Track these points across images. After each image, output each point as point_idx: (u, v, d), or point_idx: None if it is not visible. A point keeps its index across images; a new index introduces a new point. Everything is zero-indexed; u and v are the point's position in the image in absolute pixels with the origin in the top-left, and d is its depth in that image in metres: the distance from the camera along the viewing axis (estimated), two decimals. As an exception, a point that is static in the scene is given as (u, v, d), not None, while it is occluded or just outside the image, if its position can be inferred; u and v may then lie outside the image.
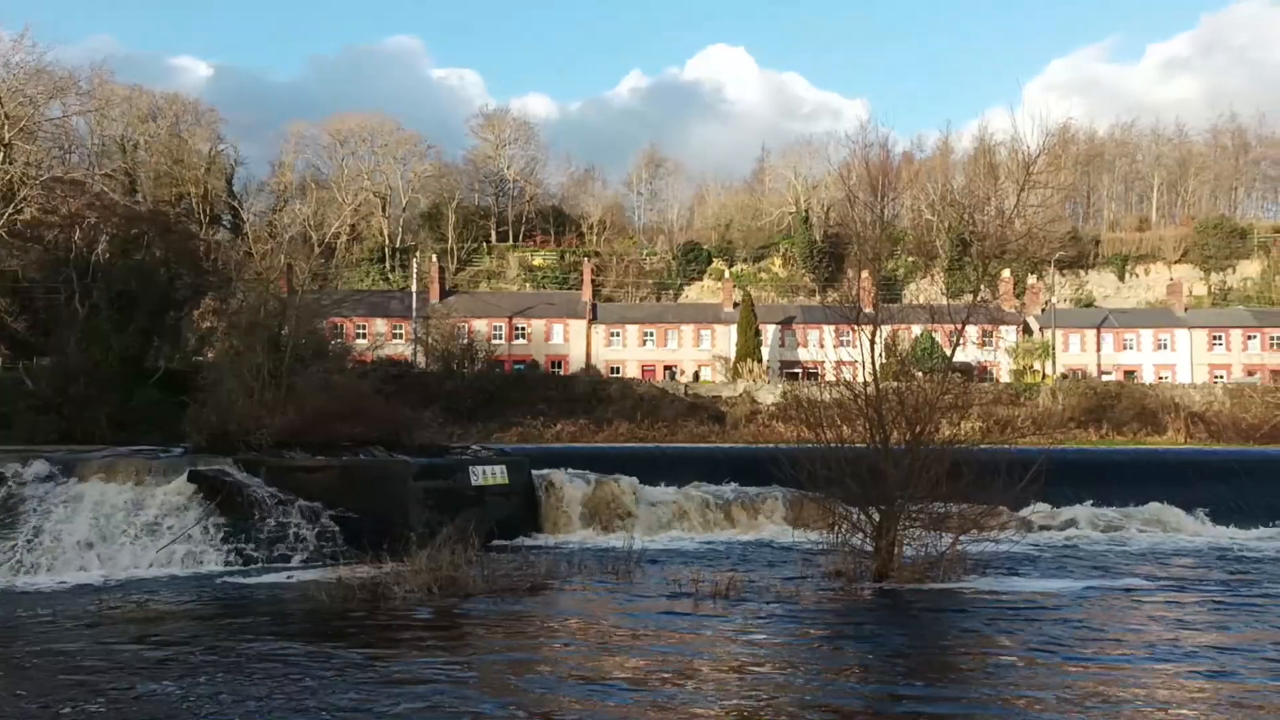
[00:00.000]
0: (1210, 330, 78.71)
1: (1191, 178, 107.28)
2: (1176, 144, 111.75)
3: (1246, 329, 78.58)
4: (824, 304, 60.06)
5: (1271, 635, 15.68)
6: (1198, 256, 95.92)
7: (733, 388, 63.09)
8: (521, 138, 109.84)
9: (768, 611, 16.92)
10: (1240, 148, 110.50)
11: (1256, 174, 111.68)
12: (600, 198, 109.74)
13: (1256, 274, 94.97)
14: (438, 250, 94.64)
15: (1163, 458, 41.10)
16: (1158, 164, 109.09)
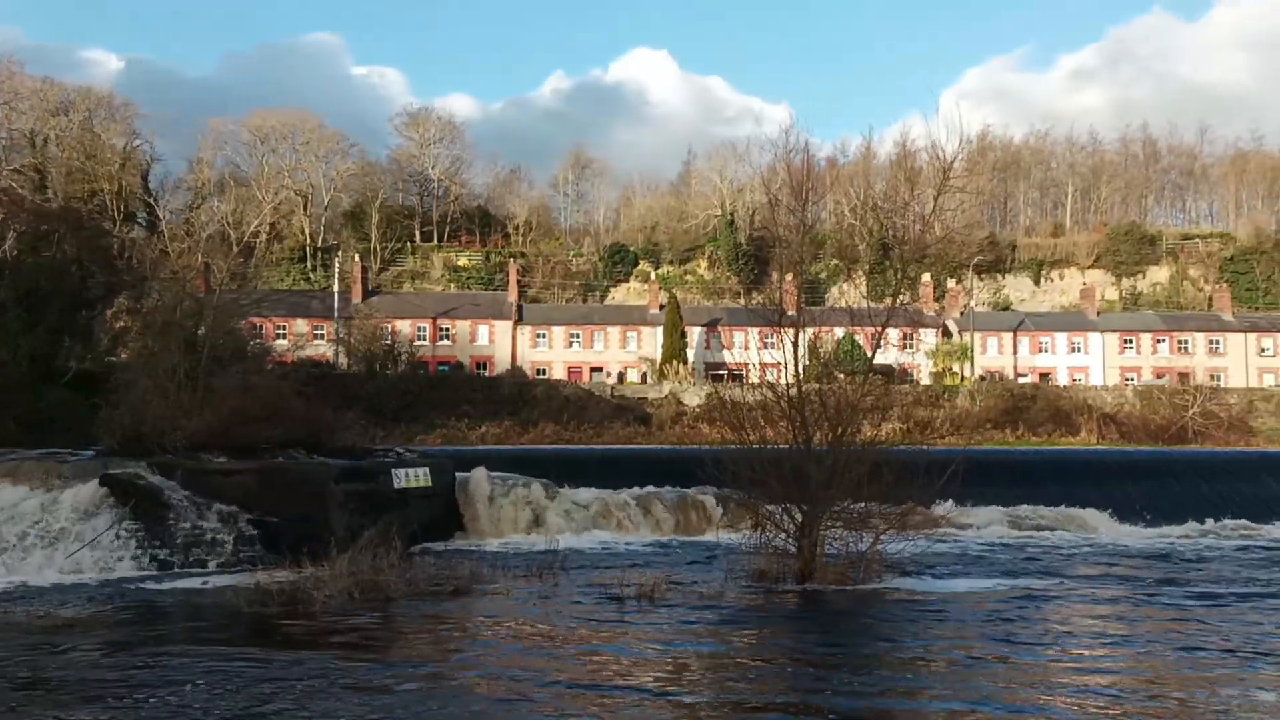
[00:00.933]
0: (1121, 334, 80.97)
1: (1104, 185, 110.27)
2: (1090, 152, 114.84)
3: (1156, 333, 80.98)
4: (749, 306, 60.58)
5: (1179, 634, 16.15)
6: (1110, 262, 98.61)
7: (659, 389, 63.28)
8: (446, 137, 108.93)
9: (692, 613, 16.98)
10: (1150, 157, 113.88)
11: (1166, 182, 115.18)
12: (526, 198, 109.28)
13: (1165, 279, 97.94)
14: (360, 250, 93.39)
15: (1076, 458, 42.18)
16: (1072, 172, 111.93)
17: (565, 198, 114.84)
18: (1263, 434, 60.14)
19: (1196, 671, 13.25)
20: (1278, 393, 66.82)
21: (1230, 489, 35.44)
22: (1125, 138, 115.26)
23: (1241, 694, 12.01)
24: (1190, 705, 11.58)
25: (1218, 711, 11.26)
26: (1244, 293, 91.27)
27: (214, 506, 22.98)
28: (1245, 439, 57.93)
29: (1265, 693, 12.06)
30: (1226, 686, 12.39)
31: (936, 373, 73.15)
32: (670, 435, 54.08)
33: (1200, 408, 60.29)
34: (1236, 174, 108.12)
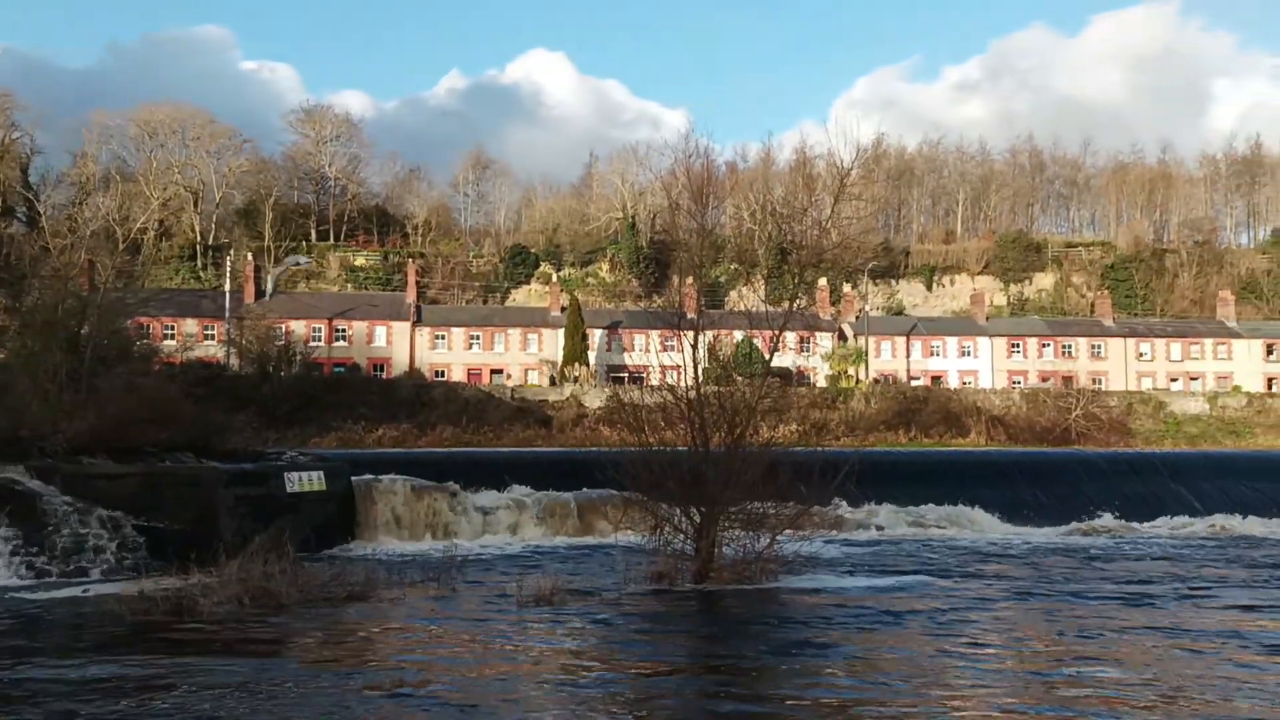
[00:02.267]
0: (1009, 339, 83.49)
1: (993, 194, 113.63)
2: (979, 162, 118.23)
3: (1041, 338, 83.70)
4: (649, 309, 60.84)
5: (1060, 631, 16.72)
6: (998, 268, 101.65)
7: (559, 392, 63.12)
8: (344, 135, 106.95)
9: (590, 616, 16.99)
10: (1036, 167, 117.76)
11: (1051, 192, 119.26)
12: (426, 198, 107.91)
13: (1050, 286, 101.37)
14: (253, 249, 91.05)
15: (966, 459, 43.35)
16: (962, 180, 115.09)
17: (465, 198, 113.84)
18: (1140, 435, 62.65)
19: (1073, 666, 13.75)
20: (1155, 396, 69.69)
21: (1111, 489, 36.84)
22: (1013, 148, 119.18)
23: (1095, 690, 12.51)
24: (1066, 698, 12.02)
25: (1085, 698, 11.72)
26: (1124, 299, 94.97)
27: (96, 512, 22.18)
28: (1124, 440, 60.24)
29: (1107, 669, 12.58)
30: (1096, 679, 12.89)
31: (832, 375, 74.44)
32: (571, 438, 53.99)
33: (1083, 410, 62.51)
34: (1117, 185, 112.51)
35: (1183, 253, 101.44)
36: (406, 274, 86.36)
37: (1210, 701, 11.67)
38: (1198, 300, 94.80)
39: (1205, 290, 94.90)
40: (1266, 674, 13.10)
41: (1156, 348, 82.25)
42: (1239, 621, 16.87)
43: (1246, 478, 39.74)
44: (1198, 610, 18.07)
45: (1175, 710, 11.37)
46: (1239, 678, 12.85)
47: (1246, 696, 11.94)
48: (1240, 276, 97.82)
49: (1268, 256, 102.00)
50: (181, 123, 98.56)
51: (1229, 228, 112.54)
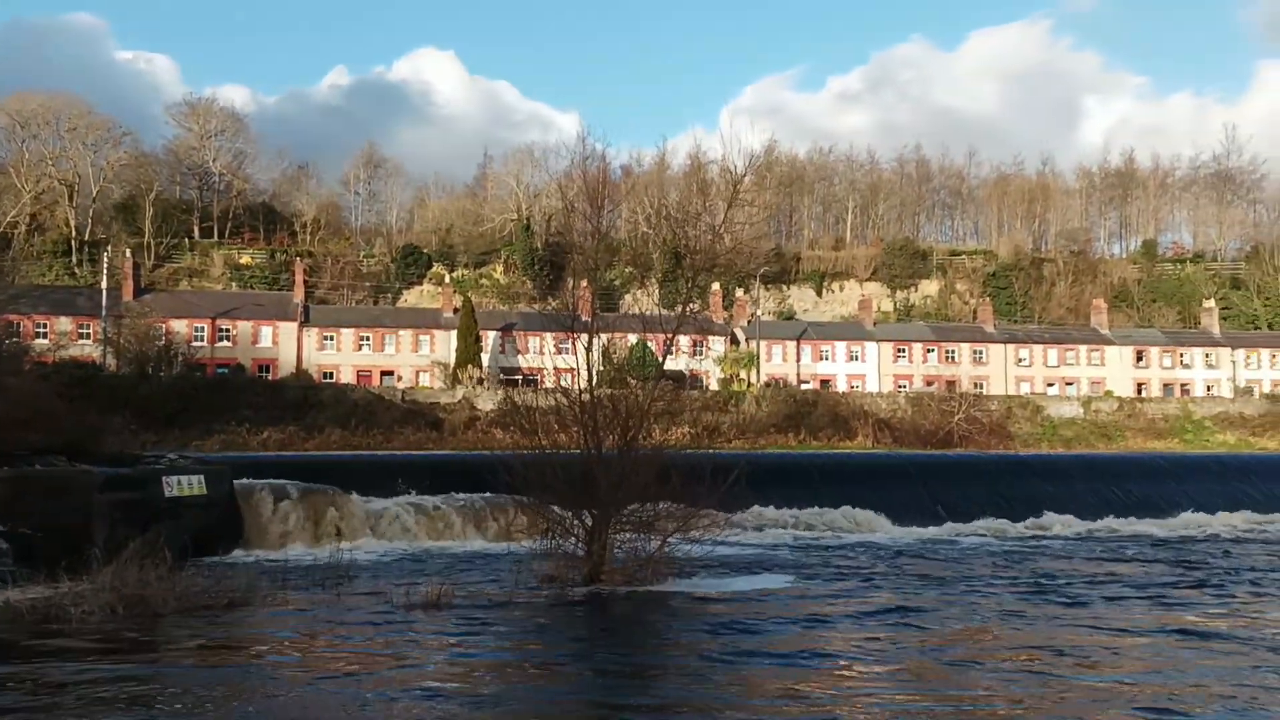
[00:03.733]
0: (895, 344, 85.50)
1: (881, 202, 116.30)
2: (868, 170, 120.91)
3: (926, 343, 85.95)
4: (544, 311, 60.67)
5: (950, 630, 17.15)
6: (885, 275, 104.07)
7: (452, 394, 62.43)
8: (229, 129, 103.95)
9: (479, 620, 16.81)
10: (923, 177, 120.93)
11: (936, 201, 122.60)
12: (315, 196, 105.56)
13: (935, 293, 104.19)
14: (133, 245, 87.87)
15: (853, 462, 44.24)
16: (852, 189, 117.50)
17: (356, 197, 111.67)
18: (1019, 438, 64.81)
19: (956, 667, 14.11)
20: (1033, 400, 72.14)
21: (991, 490, 38.01)
22: (901, 158, 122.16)
23: (992, 693, 12.87)
24: (945, 694, 12.33)
25: (971, 697, 12.04)
26: (1004, 306, 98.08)
27: (-42, 519, 21.10)
28: (1004, 443, 62.27)
29: (987, 669, 12.98)
30: (981, 677, 13.26)
31: (724, 379, 75.21)
32: (463, 440, 53.46)
33: (965, 414, 64.39)
34: (999, 196, 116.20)
35: (1060, 262, 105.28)
36: (294, 273, 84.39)
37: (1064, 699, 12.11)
38: (1073, 308, 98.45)
39: (1080, 298, 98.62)
40: (1122, 671, 13.66)
41: (1035, 353, 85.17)
42: (1118, 616, 17.56)
43: (1118, 480, 41.46)
44: (1087, 607, 18.74)
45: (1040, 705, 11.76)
46: (1101, 685, 13.36)
47: (1104, 702, 12.41)
48: (1113, 286, 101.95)
49: (1138, 267, 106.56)
50: (56, 113, 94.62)
51: (1103, 239, 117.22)
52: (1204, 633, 16.20)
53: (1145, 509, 37.69)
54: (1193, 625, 16.84)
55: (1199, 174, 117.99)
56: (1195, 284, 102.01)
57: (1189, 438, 66.89)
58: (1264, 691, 12.28)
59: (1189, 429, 68.45)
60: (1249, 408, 71.85)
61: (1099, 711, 11.41)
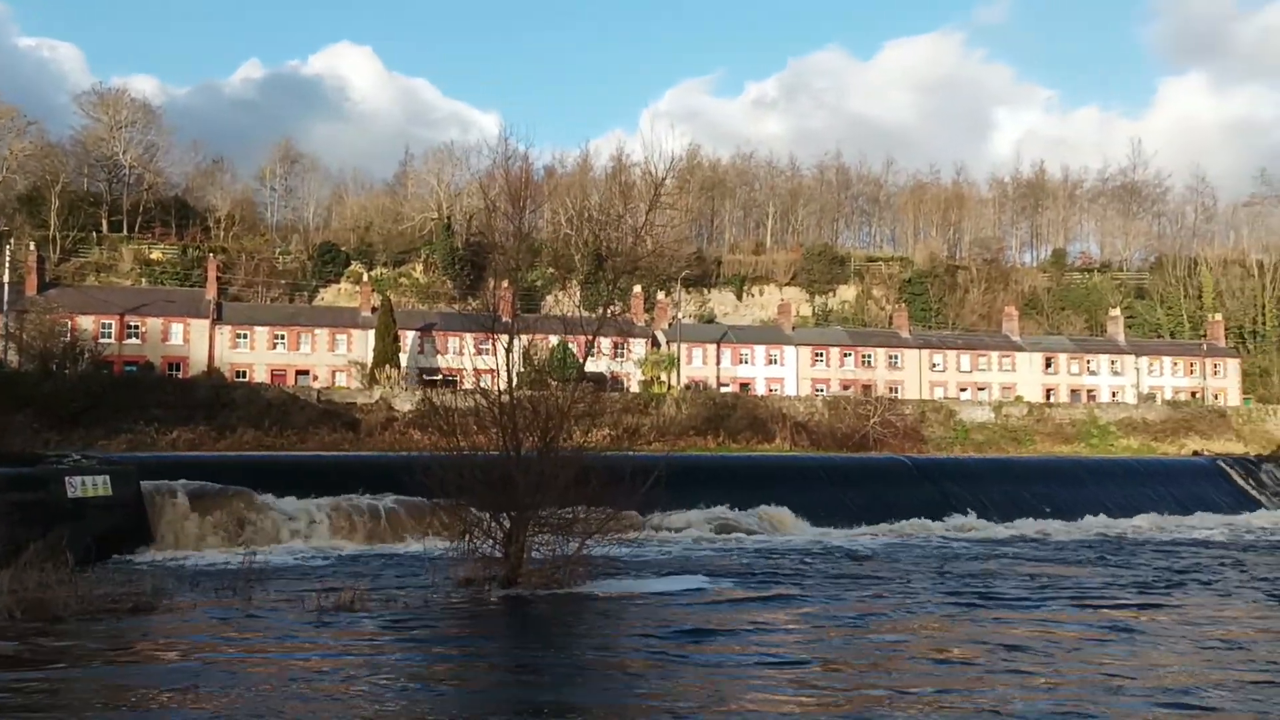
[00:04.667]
0: (813, 348, 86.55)
1: (801, 208, 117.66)
2: (789, 176, 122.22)
3: (843, 347, 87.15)
4: (464, 311, 60.13)
5: (867, 629, 17.40)
6: (804, 280, 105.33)
7: (369, 394, 61.53)
8: (140, 121, 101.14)
9: (394, 624, 16.59)
10: (842, 184, 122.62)
11: (855, 208, 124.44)
12: (229, 191, 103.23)
13: (852, 298, 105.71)
14: (37, 238, 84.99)
15: (771, 464, 44.62)
16: (772, 194, 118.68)
17: (272, 192, 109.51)
18: (932, 442, 65.99)
19: (872, 666, 14.32)
20: (946, 404, 73.53)
21: (907, 492, 38.73)
22: (821, 165, 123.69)
23: (896, 690, 13.10)
24: (861, 688, 12.51)
25: (885, 697, 12.23)
26: (919, 312, 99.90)
27: None
28: (918, 446, 63.31)
29: (898, 667, 13.20)
30: (899, 676, 13.47)
31: (645, 381, 75.35)
32: (380, 442, 52.67)
33: (880, 417, 65.36)
34: (915, 204, 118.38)
35: (973, 269, 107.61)
36: (207, 269, 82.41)
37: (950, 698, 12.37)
38: (986, 315, 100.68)
39: (992, 305, 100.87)
40: (1017, 667, 14.01)
41: (948, 359, 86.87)
42: (1021, 617, 17.99)
43: (1028, 482, 42.56)
44: (1002, 606, 19.16)
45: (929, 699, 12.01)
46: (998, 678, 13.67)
47: (1003, 698, 12.71)
48: (1024, 293, 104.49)
49: (1048, 275, 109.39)
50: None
51: (1014, 247, 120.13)
52: (1119, 627, 16.68)
53: (1054, 511, 38.77)
54: (1107, 620, 17.33)
55: (1106, 186, 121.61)
56: (1102, 293, 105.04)
57: (1095, 442, 68.81)
58: (1181, 680, 12.69)
59: (1095, 434, 70.42)
60: (1151, 414, 74.18)
61: (1011, 705, 11.67)
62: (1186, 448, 65.41)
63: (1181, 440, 68.53)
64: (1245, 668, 14.00)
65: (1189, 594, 21.31)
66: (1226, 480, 47.92)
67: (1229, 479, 48.10)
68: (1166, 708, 11.70)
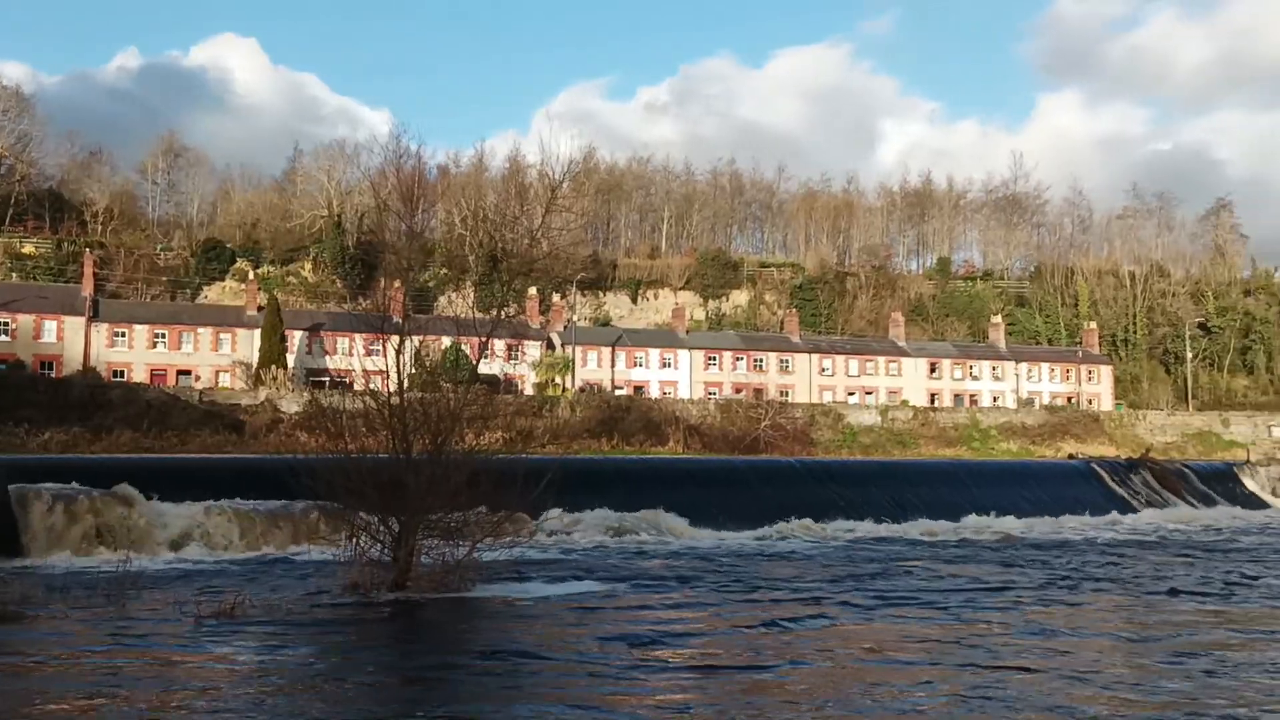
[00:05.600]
0: (707, 351, 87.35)
1: (696, 213, 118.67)
2: (684, 181, 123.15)
3: (736, 351, 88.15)
4: (354, 311, 59.07)
5: (753, 631, 17.59)
6: (698, 284, 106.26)
7: (254, 395, 59.94)
8: (12, 109, 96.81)
9: (277, 631, 16.18)
10: (736, 190, 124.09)
11: (748, 214, 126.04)
12: (108, 184, 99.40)
13: (745, 303, 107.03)
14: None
15: (664, 466, 44.85)
16: (668, 198, 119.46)
17: (154, 186, 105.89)
18: (821, 445, 67.19)
19: (754, 658, 14.50)
20: (834, 408, 74.95)
21: (796, 494, 39.33)
22: (715, 171, 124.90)
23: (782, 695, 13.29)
24: (751, 692, 12.66)
25: (776, 689, 12.40)
26: (810, 318, 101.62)
27: None
28: (807, 449, 64.37)
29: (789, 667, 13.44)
30: (783, 677, 13.66)
31: (539, 384, 75.06)
32: (266, 444, 51.32)
33: (771, 421, 66.29)
34: (806, 211, 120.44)
35: (861, 276, 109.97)
36: (83, 265, 79.33)
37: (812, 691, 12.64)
38: (874, 320, 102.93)
39: (880, 312, 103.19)
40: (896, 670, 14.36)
41: (837, 364, 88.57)
42: (906, 615, 18.42)
43: (912, 485, 43.64)
44: (877, 606, 19.57)
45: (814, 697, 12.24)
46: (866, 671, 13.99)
47: (873, 696, 13.01)
48: (910, 300, 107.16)
49: (933, 283, 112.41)
50: None
51: (901, 255, 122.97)
52: (999, 623, 17.20)
53: (938, 512, 39.82)
54: (987, 617, 17.86)
55: (989, 197, 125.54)
56: (984, 300, 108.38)
57: (976, 445, 70.92)
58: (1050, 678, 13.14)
59: (976, 437, 72.58)
60: (1030, 418, 76.78)
61: (897, 700, 11.93)
62: (1062, 451, 67.88)
63: (1058, 444, 71.07)
64: (1114, 658, 14.57)
65: (1063, 591, 22.10)
66: (1099, 482, 49.89)
67: (1101, 481, 50.10)
68: (1055, 699, 12.11)
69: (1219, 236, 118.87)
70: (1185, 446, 72.76)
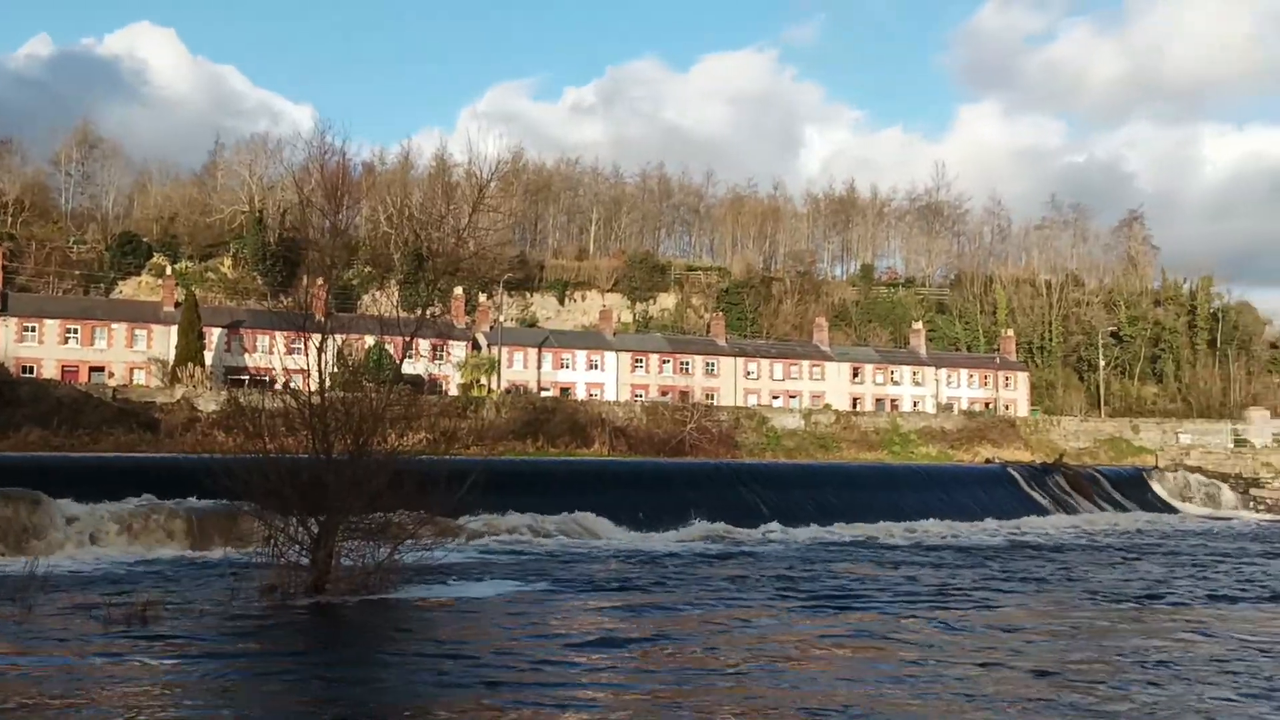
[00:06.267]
0: (634, 354, 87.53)
1: (624, 215, 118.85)
2: (613, 183, 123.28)
3: (662, 354, 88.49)
4: (274, 309, 58.03)
5: (674, 627, 17.66)
6: (626, 287, 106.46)
7: (170, 393, 58.58)
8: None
9: (191, 634, 15.84)
10: (664, 193, 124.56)
11: (676, 217, 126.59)
12: (18, 175, 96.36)
13: (672, 306, 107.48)
14: None
15: (587, 468, 44.84)
16: (596, 200, 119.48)
17: (68, 178, 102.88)
18: (745, 447, 67.70)
19: (679, 667, 14.56)
20: (759, 411, 75.60)
21: (719, 497, 39.58)
22: (644, 173, 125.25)
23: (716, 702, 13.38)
24: (673, 681, 12.71)
25: (692, 690, 12.47)
26: (735, 321, 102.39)
27: None
28: (732, 452, 64.81)
29: (719, 669, 13.52)
30: (700, 678, 13.74)
31: (465, 384, 74.46)
32: (182, 443, 50.11)
33: (696, 423, 66.63)
34: (733, 215, 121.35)
35: (787, 281, 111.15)
36: (-9, 257, 76.86)
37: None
38: (798, 325, 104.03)
39: (805, 317, 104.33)
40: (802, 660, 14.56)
41: (762, 367, 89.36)
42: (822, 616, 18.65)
43: (834, 488, 44.20)
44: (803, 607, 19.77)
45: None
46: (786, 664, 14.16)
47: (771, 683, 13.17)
48: (834, 305, 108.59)
49: (856, 289, 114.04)
50: None
51: (826, 261, 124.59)
52: (909, 629, 17.50)
53: (860, 515, 40.37)
54: (909, 615, 18.15)
55: (912, 206, 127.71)
56: (906, 307, 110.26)
57: (896, 449, 72.05)
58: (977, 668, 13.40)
59: (897, 441, 73.73)
60: (949, 423, 78.25)
61: (815, 697, 12.08)
62: (980, 455, 69.27)
63: (975, 448, 72.51)
64: (1021, 660, 14.92)
65: (977, 593, 22.55)
66: (1014, 486, 51.06)
67: (1017, 485, 51.28)
68: (962, 695, 12.36)
69: (1131, 248, 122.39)
70: (1097, 452, 74.74)
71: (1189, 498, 58.12)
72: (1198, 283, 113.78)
